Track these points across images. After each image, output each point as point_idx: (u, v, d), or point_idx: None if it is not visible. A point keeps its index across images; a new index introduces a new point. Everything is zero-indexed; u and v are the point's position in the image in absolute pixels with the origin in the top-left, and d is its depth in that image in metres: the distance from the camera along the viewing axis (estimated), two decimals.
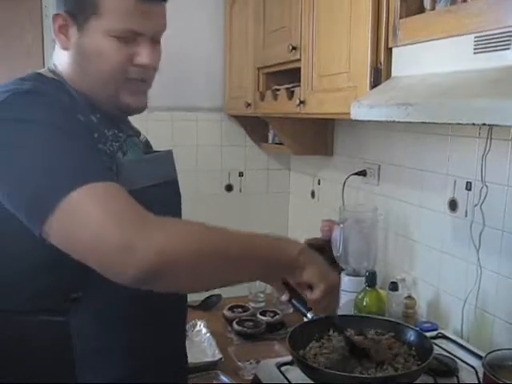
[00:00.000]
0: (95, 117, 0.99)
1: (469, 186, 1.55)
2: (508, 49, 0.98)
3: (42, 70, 1.05)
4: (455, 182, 1.60)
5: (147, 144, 1.18)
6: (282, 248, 0.97)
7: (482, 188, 1.50)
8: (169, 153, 1.13)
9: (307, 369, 1.19)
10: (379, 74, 1.34)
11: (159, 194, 1.03)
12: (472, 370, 1.32)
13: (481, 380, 1.25)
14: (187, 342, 1.19)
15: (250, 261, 0.92)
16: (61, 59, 1.04)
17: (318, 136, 2.29)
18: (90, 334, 0.92)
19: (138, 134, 1.16)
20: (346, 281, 1.79)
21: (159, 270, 0.78)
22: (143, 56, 1.00)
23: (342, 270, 1.86)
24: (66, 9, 0.99)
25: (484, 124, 0.91)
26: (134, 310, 0.96)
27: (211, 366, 1.53)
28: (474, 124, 0.92)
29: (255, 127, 2.64)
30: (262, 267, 0.95)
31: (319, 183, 2.47)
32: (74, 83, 1.01)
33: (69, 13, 0.99)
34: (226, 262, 0.88)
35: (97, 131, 0.97)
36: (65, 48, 1.01)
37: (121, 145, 1.01)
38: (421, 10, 1.25)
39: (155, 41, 1.03)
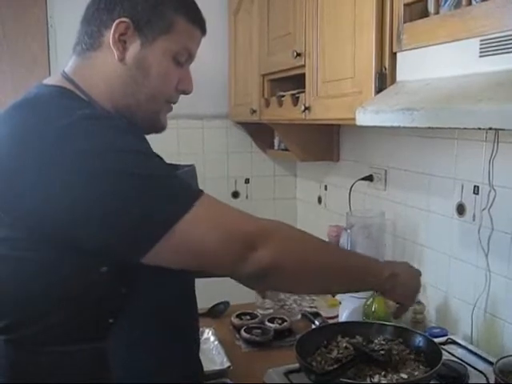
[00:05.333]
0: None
1: (476, 190, 1.54)
2: None
3: (56, 82, 0.97)
4: (463, 185, 1.59)
5: None
6: (372, 270, 1.10)
7: (489, 192, 1.49)
8: (193, 168, 1.12)
9: (314, 376, 1.19)
10: (384, 78, 1.34)
11: None
12: (482, 376, 1.31)
13: None
14: None
15: (347, 279, 1.05)
16: (100, 68, 0.98)
17: (324, 142, 2.29)
18: (126, 356, 0.93)
19: None
20: None
21: (273, 271, 0.89)
22: (188, 83, 1.06)
23: None
24: (132, 18, 0.96)
25: (490, 128, 0.90)
26: (163, 329, 0.97)
27: (220, 374, 1.52)
28: (480, 128, 0.91)
29: (261, 134, 2.64)
30: (354, 285, 1.10)
31: (326, 189, 2.46)
32: (107, 96, 0.97)
33: (135, 23, 0.96)
34: (324, 274, 0.99)
35: None
36: (121, 59, 0.97)
37: None
38: (425, 14, 1.25)
39: None
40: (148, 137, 1.18)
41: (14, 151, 0.83)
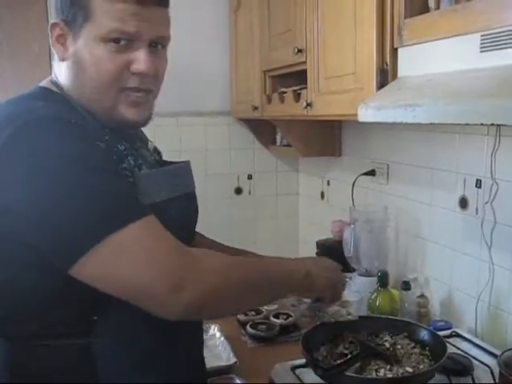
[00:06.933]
0: (107, 134, 0.97)
1: (479, 184, 1.55)
2: None
3: (46, 84, 1.02)
4: (465, 179, 1.60)
5: (156, 151, 1.17)
6: (292, 273, 1.08)
7: (492, 185, 1.49)
8: (187, 164, 1.10)
9: (320, 371, 1.20)
10: (385, 74, 1.34)
11: (176, 206, 1.01)
12: (487, 368, 1.31)
13: (496, 379, 1.24)
14: None
15: (272, 289, 1.04)
16: (60, 72, 1.01)
17: (326, 137, 2.29)
18: (112, 353, 0.93)
19: (145, 142, 1.14)
20: (358, 281, 1.79)
21: (201, 309, 0.88)
22: (140, 62, 0.95)
23: (354, 270, 1.86)
24: (63, 17, 0.96)
25: (492, 124, 0.91)
26: (149, 326, 0.96)
27: (226, 370, 1.53)
28: (482, 124, 0.92)
29: (263, 130, 2.64)
30: (278, 293, 1.09)
31: (328, 184, 2.47)
32: (74, 97, 0.98)
33: (65, 21, 0.96)
34: (255, 292, 0.99)
35: (115, 152, 0.96)
36: (62, 59, 0.98)
37: (135, 159, 1.00)
38: (425, 9, 1.25)
39: (155, 48, 0.98)
40: (150, 135, 1.18)
41: None
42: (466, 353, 1.41)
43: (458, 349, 1.44)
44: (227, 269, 0.93)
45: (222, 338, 1.70)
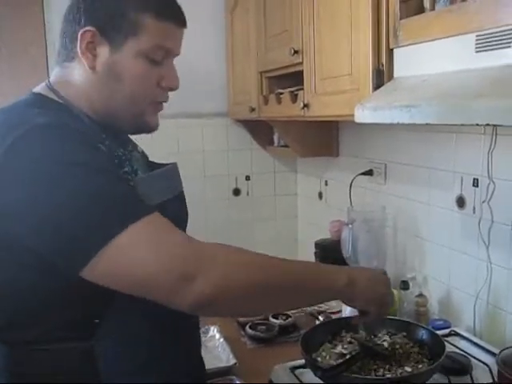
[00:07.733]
0: (105, 139, 0.97)
1: (476, 183, 1.55)
2: (509, 47, 0.98)
3: (41, 90, 1.01)
4: (462, 178, 1.60)
5: (144, 155, 1.18)
6: (330, 280, 1.03)
7: (489, 184, 1.50)
8: (174, 166, 1.12)
9: (319, 371, 1.20)
10: (381, 75, 1.35)
11: (170, 209, 1.01)
12: (486, 367, 1.32)
13: (495, 377, 1.25)
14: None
15: (300, 293, 0.99)
16: (70, 73, 1.00)
17: (323, 137, 2.30)
18: (114, 356, 0.93)
19: (135, 146, 1.16)
20: None
21: (214, 301, 0.85)
22: (172, 79, 1.03)
23: None
24: (97, 26, 0.95)
25: (488, 124, 0.91)
26: (151, 328, 0.97)
27: (226, 372, 1.53)
28: (477, 125, 0.92)
29: (260, 131, 2.65)
30: (310, 298, 1.05)
31: (326, 184, 2.47)
32: (86, 103, 0.99)
33: (101, 30, 0.96)
34: (277, 294, 0.94)
35: (115, 157, 0.98)
36: (92, 67, 0.97)
37: (130, 163, 1.02)
38: (421, 10, 1.25)
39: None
40: (148, 137, 1.19)
41: None
42: (464, 352, 1.42)
43: (457, 348, 1.44)
44: (248, 266, 0.90)
45: (222, 339, 1.71)
